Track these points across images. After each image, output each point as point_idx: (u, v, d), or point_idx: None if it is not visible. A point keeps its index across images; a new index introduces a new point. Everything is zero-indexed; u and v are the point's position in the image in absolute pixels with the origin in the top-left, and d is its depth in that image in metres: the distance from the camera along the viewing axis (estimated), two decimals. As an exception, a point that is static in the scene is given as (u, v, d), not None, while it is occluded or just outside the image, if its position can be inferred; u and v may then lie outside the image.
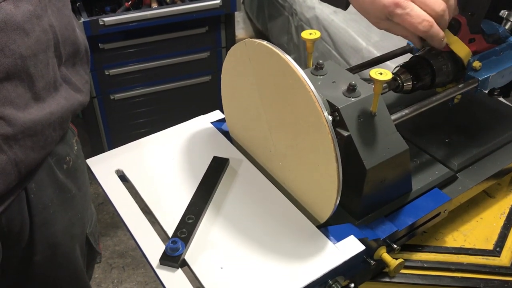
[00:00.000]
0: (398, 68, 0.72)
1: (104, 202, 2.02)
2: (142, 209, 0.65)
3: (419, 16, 0.62)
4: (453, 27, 0.72)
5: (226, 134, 0.77)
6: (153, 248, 0.59)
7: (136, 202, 0.66)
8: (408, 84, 0.71)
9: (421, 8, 0.62)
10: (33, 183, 0.71)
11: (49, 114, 0.67)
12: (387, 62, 0.81)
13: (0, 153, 0.62)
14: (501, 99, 0.87)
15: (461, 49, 0.72)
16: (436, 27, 0.64)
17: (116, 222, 1.95)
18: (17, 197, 0.69)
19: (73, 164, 0.79)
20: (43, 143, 0.67)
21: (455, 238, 0.73)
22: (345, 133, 0.60)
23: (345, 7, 0.71)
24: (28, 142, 0.65)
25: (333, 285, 0.59)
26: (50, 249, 0.79)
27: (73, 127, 0.82)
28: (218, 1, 1.77)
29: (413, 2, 0.62)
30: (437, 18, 0.64)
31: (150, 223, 0.63)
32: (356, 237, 0.60)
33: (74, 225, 0.82)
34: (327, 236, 0.61)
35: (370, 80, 0.61)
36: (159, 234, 0.61)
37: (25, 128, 0.63)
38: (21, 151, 0.64)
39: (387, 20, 0.65)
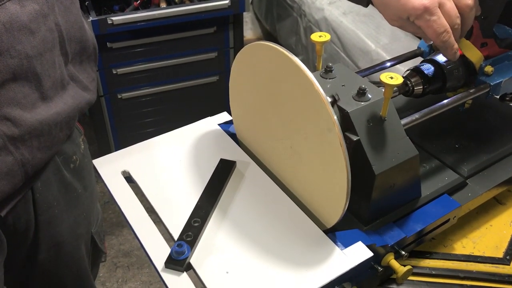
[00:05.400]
0: (408, 71, 0.71)
1: (110, 201, 2.02)
2: (148, 211, 0.64)
3: (443, 25, 0.62)
4: None
5: (233, 136, 0.76)
6: (158, 251, 0.59)
7: (142, 204, 0.65)
8: (419, 88, 0.70)
9: (450, 10, 0.62)
10: (39, 183, 0.71)
11: (56, 114, 0.66)
12: (397, 66, 0.80)
13: (7, 154, 0.61)
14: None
15: (473, 54, 0.71)
16: (452, 39, 0.63)
17: (121, 221, 1.95)
18: (23, 197, 0.69)
19: (79, 163, 0.79)
20: (49, 144, 0.67)
21: (464, 245, 0.72)
22: (354, 138, 0.59)
23: (366, 4, 0.70)
24: (34, 142, 0.64)
25: (340, 291, 0.58)
26: (54, 248, 0.79)
27: (80, 126, 0.81)
28: (227, 1, 1.76)
29: (441, 4, 0.61)
30: (465, 14, 0.63)
31: (156, 225, 0.62)
32: (364, 243, 0.59)
33: (79, 224, 0.82)
34: (335, 242, 0.60)
35: (379, 83, 0.60)
36: (164, 237, 0.61)
37: (32, 129, 0.63)
38: (27, 152, 0.64)
39: (405, 20, 0.64)
